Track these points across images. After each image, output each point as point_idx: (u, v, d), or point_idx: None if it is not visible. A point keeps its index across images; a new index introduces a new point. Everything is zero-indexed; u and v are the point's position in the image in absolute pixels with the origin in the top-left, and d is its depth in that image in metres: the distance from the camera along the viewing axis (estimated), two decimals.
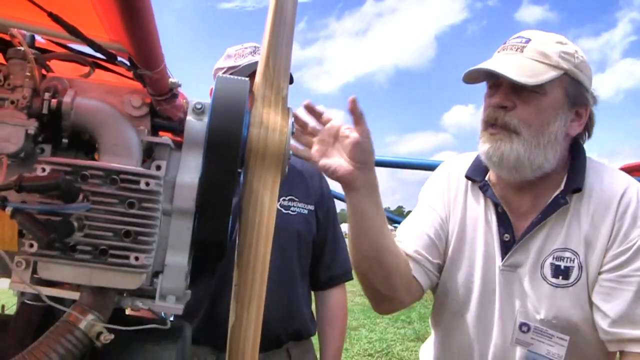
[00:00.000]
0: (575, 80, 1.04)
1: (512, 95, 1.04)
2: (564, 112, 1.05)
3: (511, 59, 1.05)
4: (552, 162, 1.05)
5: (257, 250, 0.70)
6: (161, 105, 0.66)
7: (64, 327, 0.60)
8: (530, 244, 1.07)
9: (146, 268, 0.61)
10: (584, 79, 1.06)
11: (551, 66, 1.02)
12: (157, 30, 0.51)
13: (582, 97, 1.06)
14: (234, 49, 1.54)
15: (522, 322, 1.06)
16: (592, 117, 1.11)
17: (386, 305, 1.14)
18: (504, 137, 1.04)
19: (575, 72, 1.04)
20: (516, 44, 1.07)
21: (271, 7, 0.73)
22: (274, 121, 0.71)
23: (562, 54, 1.04)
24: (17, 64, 0.61)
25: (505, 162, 1.03)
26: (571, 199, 1.06)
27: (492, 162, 1.06)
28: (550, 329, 1.04)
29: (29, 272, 0.61)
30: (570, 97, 1.05)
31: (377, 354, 5.40)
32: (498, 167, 1.06)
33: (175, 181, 0.65)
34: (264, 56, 0.73)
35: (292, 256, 1.49)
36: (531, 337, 1.06)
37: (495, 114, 1.05)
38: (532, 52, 1.04)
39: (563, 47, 1.05)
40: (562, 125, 1.05)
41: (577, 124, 1.08)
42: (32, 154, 0.63)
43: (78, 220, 0.58)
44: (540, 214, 1.07)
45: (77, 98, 0.63)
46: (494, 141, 1.05)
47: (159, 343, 0.69)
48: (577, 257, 1.03)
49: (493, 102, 1.05)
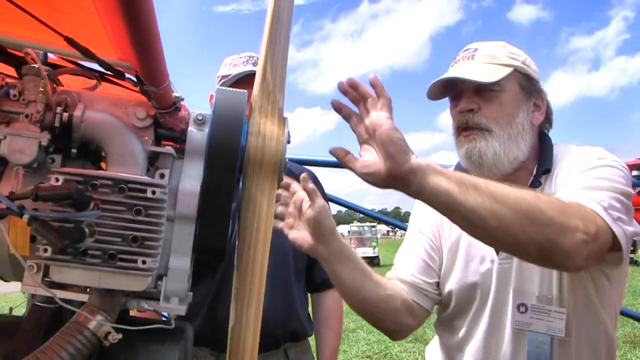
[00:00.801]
0: (525, 74, 1.14)
1: (475, 98, 1.12)
2: (524, 103, 1.14)
3: (466, 66, 1.13)
4: (525, 152, 1.12)
5: (255, 254, 0.73)
6: (164, 117, 0.70)
7: (74, 328, 0.63)
8: None
9: (152, 271, 0.65)
10: (533, 73, 1.16)
11: (502, 65, 1.12)
12: (162, 50, 0.55)
13: (535, 88, 1.16)
14: (231, 58, 1.59)
15: (519, 303, 1.10)
16: (549, 107, 1.20)
17: (397, 334, 1.21)
18: (477, 136, 1.11)
19: (523, 67, 1.14)
20: (466, 55, 1.16)
21: (268, 19, 0.77)
22: (270, 130, 0.74)
23: (508, 53, 1.14)
24: (31, 80, 0.65)
25: (485, 158, 1.10)
26: (543, 180, 1.13)
27: (472, 161, 1.11)
28: (547, 304, 1.08)
29: (40, 275, 0.65)
30: (525, 90, 1.14)
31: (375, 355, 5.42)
32: (478, 166, 1.11)
33: (177, 188, 0.69)
34: (261, 69, 0.77)
35: (288, 258, 1.53)
36: (530, 317, 1.09)
37: (465, 118, 1.12)
38: (482, 57, 1.14)
39: (507, 49, 1.15)
40: (525, 116, 1.13)
41: (538, 113, 1.17)
42: (43, 164, 0.66)
43: (89, 226, 0.61)
44: None
45: (86, 111, 0.66)
46: (469, 141, 1.11)
47: (163, 343, 0.72)
48: None
49: (460, 107, 1.13)
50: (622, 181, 0.99)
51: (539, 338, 1.08)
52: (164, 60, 0.57)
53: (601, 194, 0.94)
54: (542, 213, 0.84)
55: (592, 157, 1.05)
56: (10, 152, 0.63)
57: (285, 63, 0.78)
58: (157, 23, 0.50)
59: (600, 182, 0.98)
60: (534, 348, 1.09)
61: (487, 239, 0.92)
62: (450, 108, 1.18)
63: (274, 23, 0.76)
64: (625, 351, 5.58)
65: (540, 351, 1.08)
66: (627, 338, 6.08)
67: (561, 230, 0.84)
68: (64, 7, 0.64)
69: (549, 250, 0.85)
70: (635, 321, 5.36)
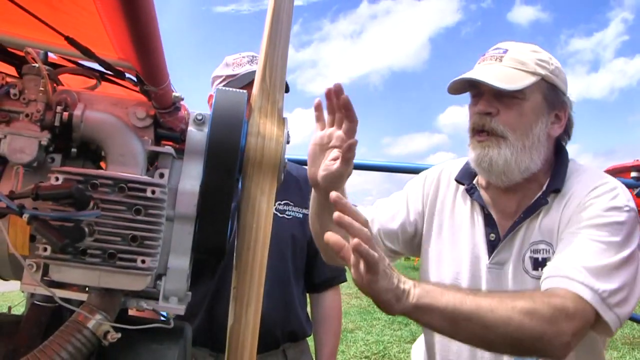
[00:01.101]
0: (552, 84, 1.11)
1: (494, 102, 1.10)
2: (544, 115, 1.11)
3: (491, 68, 1.11)
4: (537, 163, 1.11)
5: (254, 253, 0.74)
6: (164, 117, 0.70)
7: (73, 327, 0.63)
8: (513, 241, 1.13)
9: (151, 270, 0.65)
10: (560, 84, 1.13)
11: (529, 72, 1.09)
12: (163, 50, 0.55)
13: (559, 100, 1.13)
14: (232, 57, 1.58)
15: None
16: (570, 119, 1.17)
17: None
18: (491, 143, 1.09)
19: (551, 77, 1.11)
20: (495, 54, 1.14)
21: (268, 20, 0.77)
22: (270, 131, 0.75)
23: (538, 61, 1.11)
24: (31, 80, 0.65)
25: (495, 167, 1.09)
26: (551, 198, 1.11)
27: (481, 167, 1.11)
28: None
29: (39, 274, 0.65)
30: (548, 101, 1.12)
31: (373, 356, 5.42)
32: (487, 172, 1.11)
33: (177, 188, 0.69)
34: (261, 70, 0.77)
35: (287, 259, 1.53)
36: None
37: (482, 121, 1.11)
38: (510, 60, 1.11)
39: (538, 55, 1.12)
40: (543, 127, 1.11)
41: (557, 126, 1.14)
42: (43, 163, 0.67)
43: (89, 226, 0.62)
44: (523, 213, 1.13)
45: (86, 111, 0.67)
46: (482, 148, 1.10)
47: (162, 342, 0.72)
48: (551, 247, 1.09)
49: (477, 109, 1.11)
50: (628, 243, 1.00)
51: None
52: (164, 60, 0.57)
53: (603, 279, 0.95)
54: (532, 330, 0.89)
55: (603, 205, 1.03)
56: (10, 152, 0.64)
57: (285, 63, 0.79)
58: (157, 23, 0.51)
59: (600, 253, 0.98)
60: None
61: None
62: (470, 104, 1.16)
63: (274, 23, 0.76)
64: (624, 352, 5.58)
65: None
66: (626, 340, 6.09)
67: (549, 340, 0.90)
68: (64, 6, 0.65)
69: (538, 353, 0.94)
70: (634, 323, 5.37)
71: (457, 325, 0.88)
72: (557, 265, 0.99)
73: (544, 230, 1.10)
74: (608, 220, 1.01)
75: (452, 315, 0.86)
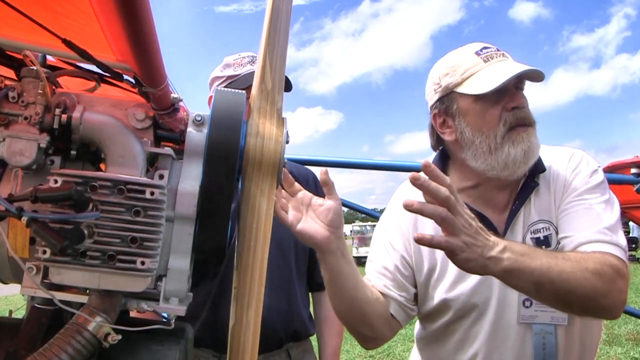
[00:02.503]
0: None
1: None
2: None
3: (513, 62, 1.13)
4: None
5: (255, 254, 0.74)
6: (163, 118, 0.70)
7: (73, 329, 0.63)
8: (515, 230, 1.14)
9: (151, 272, 0.65)
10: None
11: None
12: (160, 51, 0.55)
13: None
14: (232, 58, 1.58)
15: (524, 298, 1.11)
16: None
17: (372, 343, 1.22)
18: (532, 132, 1.12)
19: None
20: (498, 52, 1.15)
21: (266, 20, 0.77)
22: (269, 131, 0.75)
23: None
24: (30, 82, 0.65)
25: (533, 155, 1.11)
26: (539, 179, 1.14)
27: (528, 158, 1.10)
28: None
29: (39, 277, 0.65)
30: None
31: (378, 355, 5.43)
32: (529, 163, 1.11)
33: (177, 189, 0.69)
34: (260, 70, 0.77)
35: (290, 259, 1.53)
36: (534, 310, 1.12)
37: (523, 113, 1.12)
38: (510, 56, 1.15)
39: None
40: None
41: None
42: (43, 165, 0.67)
43: (88, 227, 0.62)
44: (517, 201, 1.14)
45: (85, 113, 0.67)
46: (527, 138, 1.10)
47: (163, 343, 0.72)
48: (551, 224, 1.12)
49: (518, 102, 1.11)
50: (609, 190, 1.12)
51: (544, 329, 1.12)
52: (162, 61, 0.57)
53: (617, 233, 1.04)
54: (602, 290, 0.95)
55: (586, 171, 1.13)
56: (9, 154, 0.64)
57: (283, 64, 0.78)
58: (154, 25, 0.51)
59: (605, 212, 1.07)
60: (540, 339, 1.12)
61: (545, 299, 1.01)
62: (491, 102, 1.11)
63: (272, 24, 0.76)
64: (628, 348, 5.57)
65: (545, 341, 1.12)
66: (630, 335, 6.07)
67: (613, 299, 0.96)
68: (62, 9, 0.65)
69: (604, 312, 1.00)
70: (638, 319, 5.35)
71: (542, 287, 0.93)
72: (583, 233, 1.04)
73: (540, 210, 1.13)
74: (596, 182, 1.11)
75: (538, 280, 0.92)
